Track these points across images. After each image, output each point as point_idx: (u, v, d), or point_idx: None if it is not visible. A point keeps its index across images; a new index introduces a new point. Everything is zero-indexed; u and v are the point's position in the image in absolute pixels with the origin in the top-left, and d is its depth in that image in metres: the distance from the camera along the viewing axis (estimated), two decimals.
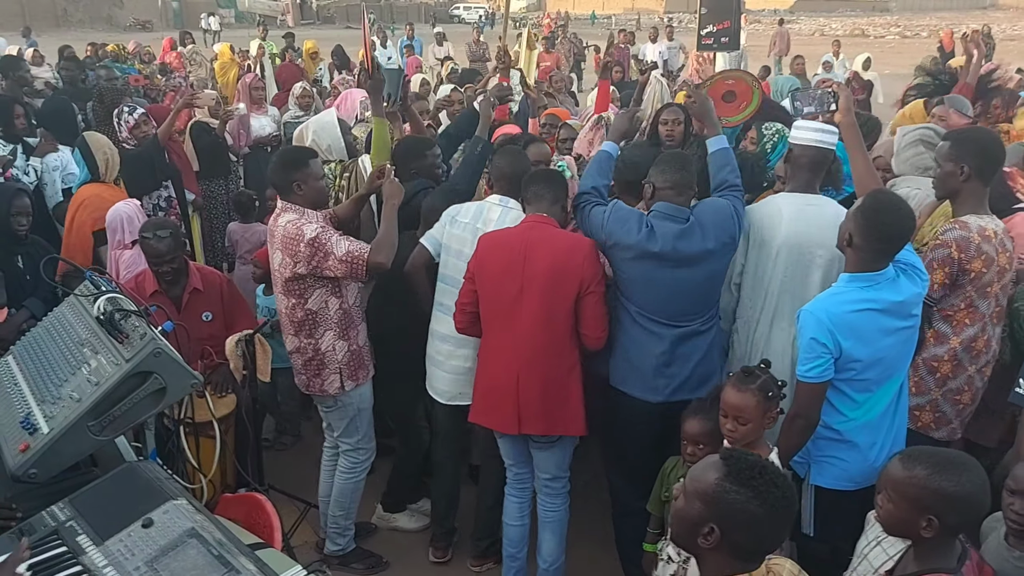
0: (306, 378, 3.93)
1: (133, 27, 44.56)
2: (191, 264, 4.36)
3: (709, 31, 11.00)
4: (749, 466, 1.97)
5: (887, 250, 3.00)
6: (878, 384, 3.07)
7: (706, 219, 3.50)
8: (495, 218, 3.84)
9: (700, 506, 1.98)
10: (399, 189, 3.91)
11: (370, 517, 4.58)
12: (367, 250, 3.62)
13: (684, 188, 3.56)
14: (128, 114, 6.09)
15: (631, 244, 3.49)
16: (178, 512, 2.24)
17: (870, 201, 3.03)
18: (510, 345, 3.58)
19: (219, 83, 12.82)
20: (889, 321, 3.01)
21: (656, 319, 3.55)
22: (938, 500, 2.16)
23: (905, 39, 42.44)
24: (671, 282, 3.49)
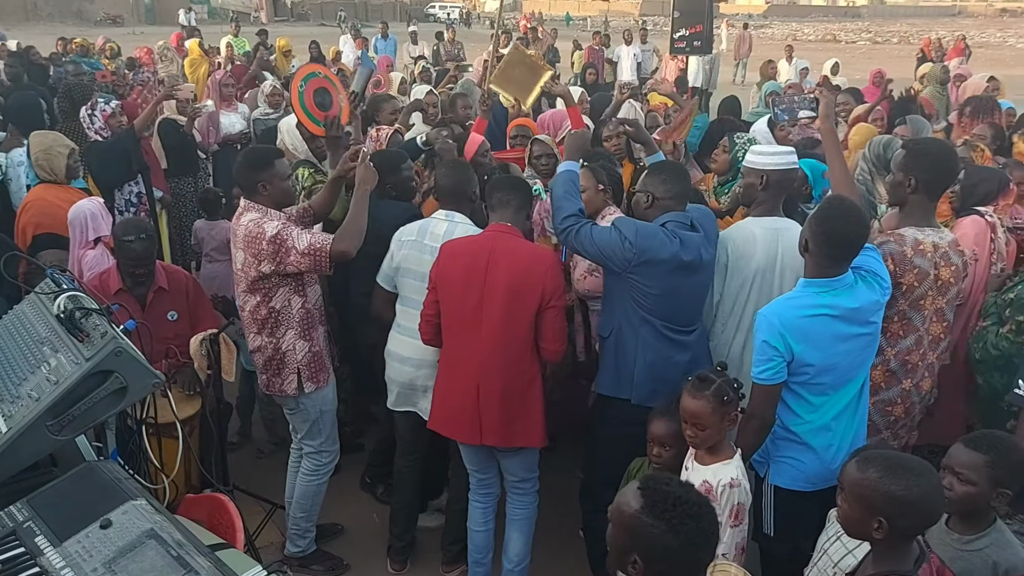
0: (267, 378, 3.91)
1: (103, 22, 43.98)
2: (157, 263, 4.32)
3: (682, 35, 11.14)
4: (664, 498, 1.97)
5: (840, 256, 3.01)
6: (834, 388, 3.10)
7: (706, 225, 3.56)
8: (441, 232, 3.81)
9: (624, 536, 2.00)
10: (373, 174, 3.85)
11: (336, 518, 4.55)
12: (329, 240, 3.60)
13: (685, 198, 3.61)
14: (104, 104, 6.12)
15: (667, 257, 3.43)
16: (137, 513, 2.22)
17: (824, 207, 3.08)
18: (471, 355, 3.57)
19: (189, 80, 12.70)
20: (844, 327, 3.03)
21: (680, 328, 3.55)
22: (888, 503, 2.18)
23: (876, 45, 42.89)
24: (691, 289, 3.54)
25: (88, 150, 5.98)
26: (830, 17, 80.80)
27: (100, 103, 6.11)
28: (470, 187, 3.93)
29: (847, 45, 42.44)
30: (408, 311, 3.89)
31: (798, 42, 31.93)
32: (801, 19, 71.98)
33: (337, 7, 52.53)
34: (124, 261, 4.17)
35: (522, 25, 24.40)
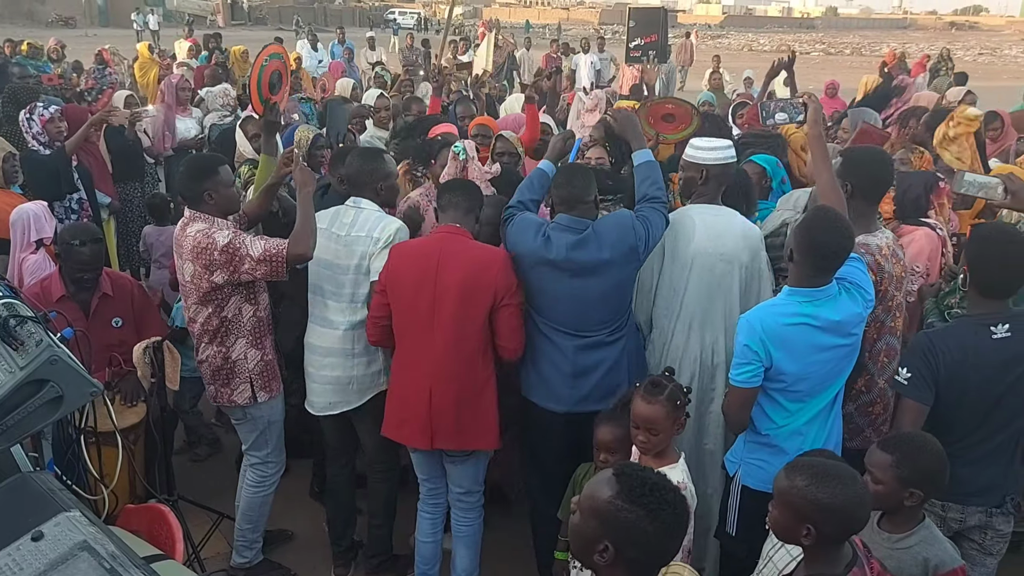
0: (215, 388, 3.84)
1: (55, 23, 43.20)
2: (102, 270, 4.24)
3: (637, 44, 11.26)
4: (641, 483, 1.97)
5: (825, 266, 3.02)
6: (810, 395, 3.12)
7: (604, 230, 3.52)
8: (348, 220, 3.81)
9: (595, 523, 1.98)
10: (310, 176, 3.81)
11: (287, 525, 4.49)
12: (285, 244, 3.55)
13: (574, 202, 3.56)
14: (43, 109, 5.97)
15: (527, 252, 3.54)
16: (70, 525, 2.16)
17: (809, 217, 3.11)
18: (423, 358, 3.55)
19: (138, 83, 12.53)
20: (824, 338, 3.05)
21: (560, 329, 3.58)
22: (814, 510, 2.25)
23: (829, 56, 43.73)
24: (570, 292, 3.52)
25: (24, 160, 5.81)
26: (785, 28, 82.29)
27: (39, 107, 5.97)
28: (374, 178, 3.87)
29: (801, 56, 43.17)
30: (317, 299, 3.88)
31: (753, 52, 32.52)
32: (757, 30, 73.16)
33: (295, 12, 52.21)
34: (70, 266, 4.09)
35: (480, 32, 24.44)
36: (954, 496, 3.08)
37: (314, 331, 3.92)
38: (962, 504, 3.12)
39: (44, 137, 5.89)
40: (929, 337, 3.15)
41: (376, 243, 3.72)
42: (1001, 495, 3.14)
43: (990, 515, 3.13)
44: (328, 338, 3.86)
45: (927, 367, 3.05)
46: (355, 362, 3.85)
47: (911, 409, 3.08)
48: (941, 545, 2.71)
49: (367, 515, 4.19)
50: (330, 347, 3.85)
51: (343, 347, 3.83)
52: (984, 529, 3.14)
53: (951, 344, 3.07)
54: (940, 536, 2.75)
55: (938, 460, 2.69)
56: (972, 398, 3.06)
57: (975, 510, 3.12)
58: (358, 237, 3.75)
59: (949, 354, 3.04)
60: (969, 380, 3.04)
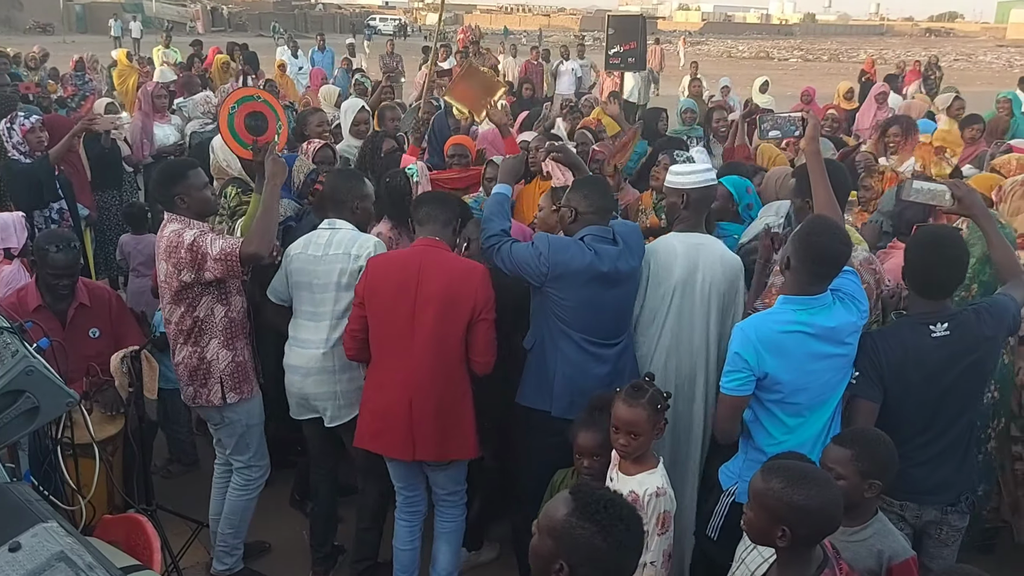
0: (192, 390, 3.85)
1: (33, 30, 42.88)
2: (79, 279, 4.23)
3: (616, 51, 11.32)
4: (595, 500, 1.99)
5: (822, 273, 3.05)
6: (810, 409, 3.13)
7: (629, 238, 3.60)
8: (323, 241, 3.82)
9: (550, 542, 2.00)
10: (282, 166, 3.82)
11: (264, 536, 4.49)
12: (239, 243, 3.58)
13: (606, 212, 3.65)
14: (24, 118, 5.98)
15: (582, 269, 3.49)
16: (47, 535, 2.15)
17: (807, 225, 3.14)
18: (402, 369, 3.56)
19: (117, 90, 12.48)
20: (820, 346, 3.06)
21: (600, 341, 3.59)
22: (790, 512, 2.29)
23: (807, 62, 44.17)
24: (611, 301, 3.57)
25: (5, 168, 5.84)
26: (764, 35, 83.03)
27: (19, 117, 5.96)
28: (351, 196, 3.92)
29: (780, 62, 43.62)
30: (299, 322, 3.90)
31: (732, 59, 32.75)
32: (736, 36, 73.73)
33: (275, 18, 52.08)
34: (46, 272, 4.08)
35: (460, 39, 24.47)
36: (910, 496, 3.16)
37: (292, 352, 3.93)
38: (918, 503, 3.19)
39: (24, 147, 5.88)
40: (872, 337, 3.22)
41: (356, 260, 3.76)
42: (956, 494, 3.21)
43: (945, 512, 3.20)
44: (306, 357, 3.86)
45: (872, 366, 3.14)
46: (338, 378, 3.87)
47: (862, 408, 3.16)
48: (894, 537, 2.80)
49: (356, 520, 4.19)
50: (311, 367, 3.86)
51: (324, 365, 3.84)
52: (940, 524, 3.22)
53: (892, 343, 3.16)
54: (893, 528, 2.85)
55: (891, 451, 2.79)
56: (916, 396, 3.14)
57: (931, 508, 3.20)
58: (335, 255, 3.77)
59: (891, 352, 3.13)
60: (911, 378, 3.12)
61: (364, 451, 3.86)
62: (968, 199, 3.38)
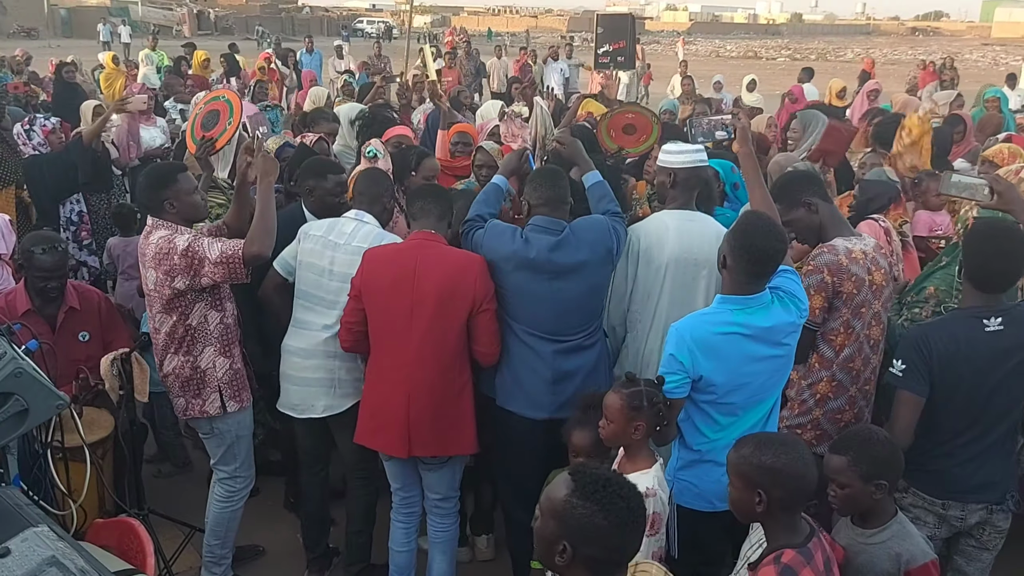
0: (184, 400, 3.75)
1: (17, 34, 42.63)
2: (68, 283, 4.18)
3: (605, 50, 11.36)
4: (594, 480, 2.01)
5: (758, 272, 2.99)
6: (744, 408, 3.08)
7: (581, 231, 3.55)
8: (348, 231, 3.79)
9: (553, 524, 2.01)
10: (273, 164, 3.75)
11: (258, 540, 4.45)
12: (241, 245, 3.50)
13: (558, 203, 3.59)
14: (44, 119, 6.19)
15: (508, 254, 3.51)
16: (38, 540, 2.12)
17: (741, 222, 3.08)
18: (400, 364, 3.53)
19: (104, 94, 12.40)
20: (756, 347, 3.01)
21: (540, 335, 3.56)
22: (761, 474, 2.42)
23: (795, 61, 44.24)
24: (550, 294, 3.51)
25: (30, 164, 5.93)
26: (751, 34, 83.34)
27: (40, 118, 6.14)
28: (387, 193, 3.98)
29: (768, 62, 43.80)
30: (301, 303, 3.85)
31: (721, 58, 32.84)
32: (724, 36, 73.93)
33: (262, 21, 51.94)
34: (33, 275, 4.03)
35: (447, 41, 24.48)
36: (953, 494, 3.09)
37: (294, 334, 3.88)
38: (962, 502, 3.11)
39: (46, 148, 6.00)
40: (923, 329, 3.16)
41: None
42: (1002, 492, 3.14)
43: (990, 512, 3.13)
44: (309, 340, 3.81)
45: (921, 358, 3.05)
46: (337, 364, 3.81)
47: (907, 401, 3.07)
48: (913, 539, 2.74)
49: (346, 522, 4.15)
50: (312, 349, 3.81)
51: (325, 349, 3.79)
52: (983, 525, 3.16)
53: (944, 336, 3.07)
54: (912, 531, 2.79)
55: (889, 445, 2.76)
56: (964, 391, 3.06)
57: (976, 507, 3.12)
58: (358, 247, 3.71)
59: (942, 345, 3.04)
60: (962, 372, 3.04)
61: (355, 450, 3.83)
62: (1008, 194, 3.36)
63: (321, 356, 3.80)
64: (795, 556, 2.37)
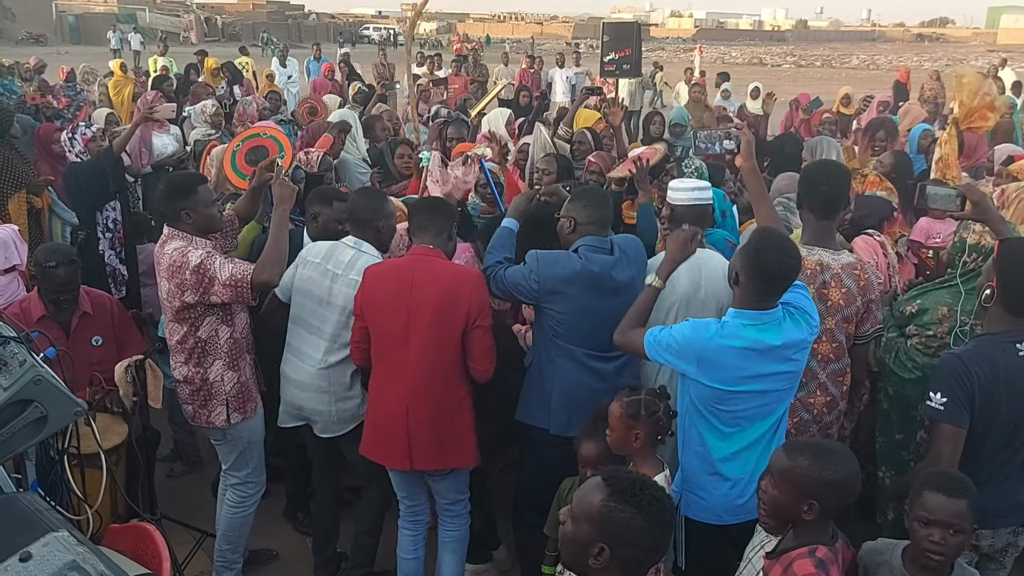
0: (192, 408, 3.80)
1: (26, 40, 42.87)
2: (81, 288, 4.24)
3: (611, 58, 11.35)
4: (630, 484, 2.05)
5: (773, 290, 2.97)
6: (749, 420, 3.05)
7: (627, 249, 3.60)
8: (346, 260, 3.77)
9: (588, 527, 2.03)
10: (290, 191, 3.79)
11: (270, 544, 4.48)
12: (251, 270, 3.52)
13: (605, 223, 3.63)
14: (86, 128, 6.35)
15: (572, 276, 3.48)
16: (59, 544, 2.15)
17: (754, 239, 3.03)
18: (399, 378, 3.55)
19: (113, 101, 12.47)
20: (765, 364, 2.97)
21: (599, 355, 3.56)
22: (819, 487, 2.41)
23: (800, 68, 44.30)
24: (607, 312, 3.46)
25: (69, 172, 6.15)
26: (756, 41, 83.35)
27: (81, 127, 6.32)
28: (376, 216, 3.87)
29: (773, 68, 43.80)
30: (297, 330, 3.86)
31: (726, 65, 32.83)
32: (729, 43, 73.92)
33: (269, 27, 52.14)
34: (47, 288, 4.09)
35: (456, 48, 24.57)
36: (985, 522, 2.99)
37: (290, 362, 3.90)
38: (993, 528, 3.07)
39: (86, 155, 6.18)
40: (960, 359, 3.01)
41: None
42: None
43: (1016, 534, 3.11)
44: (304, 373, 3.84)
45: (963, 390, 2.94)
46: (332, 399, 3.84)
47: (951, 435, 2.95)
48: None
49: (355, 525, 4.18)
50: (307, 382, 3.84)
51: (319, 384, 3.82)
52: (1007, 548, 3.13)
53: (983, 364, 2.97)
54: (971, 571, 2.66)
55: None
56: (1002, 418, 2.99)
57: (1005, 532, 3.09)
58: (353, 281, 3.71)
59: (983, 374, 2.95)
60: (1000, 399, 2.97)
61: (365, 460, 3.84)
62: (983, 203, 3.35)
63: (315, 391, 3.83)
64: (828, 553, 2.43)
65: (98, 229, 5.99)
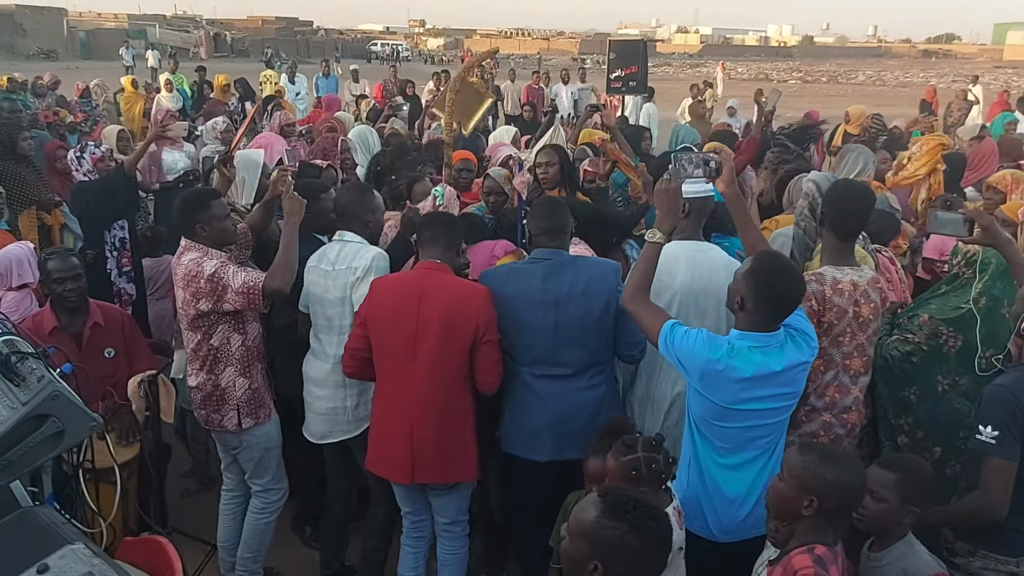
0: (205, 413, 3.92)
1: (37, 56, 43.24)
2: (91, 300, 4.30)
3: (618, 75, 11.48)
4: (624, 501, 2.09)
5: (779, 314, 2.99)
6: (749, 440, 3.07)
7: (585, 260, 3.63)
8: (334, 255, 3.91)
9: (583, 544, 2.08)
10: (300, 204, 3.89)
11: (276, 559, 4.51)
12: (262, 278, 3.64)
13: (557, 232, 3.64)
14: (95, 148, 6.43)
15: (498, 286, 3.61)
16: (75, 557, 2.20)
17: (760, 264, 3.02)
18: (403, 392, 3.59)
19: (123, 117, 12.60)
20: (764, 389, 2.99)
21: (546, 373, 3.60)
22: (821, 484, 2.50)
23: (806, 84, 44.42)
24: (544, 322, 3.54)
25: (77, 190, 6.19)
26: (763, 56, 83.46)
27: (90, 146, 6.41)
28: (364, 210, 4.01)
29: (779, 84, 43.91)
30: (315, 334, 4.00)
31: (732, 80, 33.03)
32: (735, 58, 74.08)
33: (279, 44, 52.49)
34: (50, 285, 4.16)
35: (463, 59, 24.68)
36: None
37: (309, 361, 4.03)
38: None
39: (95, 175, 6.25)
40: (1009, 390, 2.94)
41: (355, 272, 3.83)
42: None
43: None
44: (321, 369, 3.96)
45: (1015, 421, 2.88)
46: (347, 393, 3.93)
47: (1003, 468, 2.88)
48: (918, 555, 2.79)
49: (364, 539, 4.21)
50: (324, 379, 3.95)
51: (334, 379, 3.92)
52: None
53: None
54: (918, 547, 2.82)
55: (931, 480, 2.84)
56: None
57: None
58: (340, 271, 3.86)
59: None
60: None
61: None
62: (992, 228, 3.39)
63: (331, 386, 3.94)
64: (827, 552, 2.48)
65: (106, 248, 6.03)
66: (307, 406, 4.05)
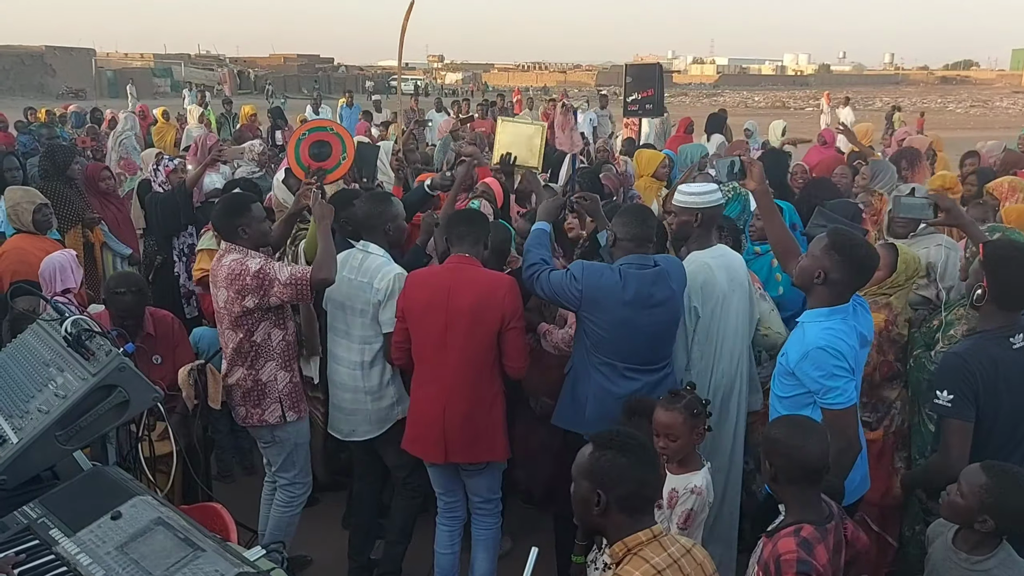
0: (244, 410, 4.08)
1: (66, 95, 44.18)
2: (147, 310, 4.50)
3: (635, 99, 11.75)
4: (608, 434, 2.41)
5: (862, 282, 3.20)
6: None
7: (669, 267, 3.79)
8: (357, 264, 4.13)
9: (584, 482, 2.36)
10: (328, 209, 4.12)
11: (310, 551, 4.70)
12: (309, 270, 3.87)
13: (644, 241, 3.79)
14: (168, 160, 7.06)
15: (611, 289, 3.67)
16: (145, 505, 2.43)
17: (840, 239, 3.14)
18: (437, 377, 3.84)
19: (156, 146, 12.99)
20: (863, 351, 3.24)
21: (634, 367, 3.75)
22: (769, 444, 2.74)
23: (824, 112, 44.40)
24: (645, 327, 3.70)
25: (150, 201, 6.82)
26: (779, 85, 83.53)
27: (164, 159, 7.05)
28: (383, 219, 4.19)
29: (796, 111, 44.06)
30: (335, 339, 4.22)
31: (749, 108, 33.23)
32: (752, 88, 74.31)
33: (299, 80, 53.42)
34: (114, 311, 4.38)
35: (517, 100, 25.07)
36: None
37: (331, 367, 4.27)
38: None
39: (167, 185, 6.81)
40: (960, 356, 3.22)
41: (377, 293, 4.05)
42: None
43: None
44: (343, 375, 4.20)
45: (968, 385, 3.14)
46: (366, 398, 4.16)
47: (959, 430, 3.16)
48: (1019, 568, 2.78)
49: (386, 532, 4.42)
50: (345, 383, 4.19)
51: (354, 384, 4.17)
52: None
53: (983, 359, 3.18)
54: (1018, 559, 2.81)
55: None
56: (1005, 411, 3.19)
57: None
58: (363, 284, 4.09)
59: (983, 369, 3.16)
60: (1001, 393, 3.17)
61: (400, 466, 4.16)
62: (954, 210, 3.69)
63: (351, 391, 4.17)
64: (813, 532, 2.60)
65: (174, 253, 6.62)
66: (333, 407, 4.28)
